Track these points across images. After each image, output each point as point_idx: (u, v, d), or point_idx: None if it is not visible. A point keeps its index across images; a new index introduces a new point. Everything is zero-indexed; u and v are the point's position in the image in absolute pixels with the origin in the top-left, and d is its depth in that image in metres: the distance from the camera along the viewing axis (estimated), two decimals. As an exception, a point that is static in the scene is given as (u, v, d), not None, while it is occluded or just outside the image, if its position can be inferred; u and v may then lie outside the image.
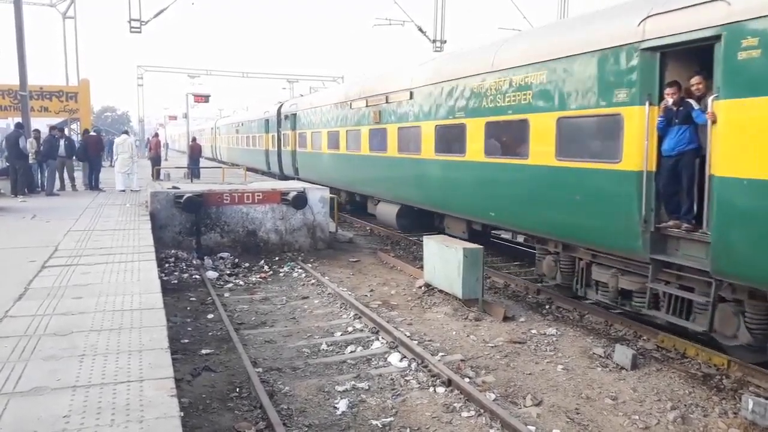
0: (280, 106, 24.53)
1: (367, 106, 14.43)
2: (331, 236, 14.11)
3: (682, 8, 6.34)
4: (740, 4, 5.71)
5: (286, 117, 22.82)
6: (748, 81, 5.63)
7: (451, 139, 10.96)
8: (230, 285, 10.67)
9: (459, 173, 10.69)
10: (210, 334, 7.95)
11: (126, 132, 20.79)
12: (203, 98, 38.47)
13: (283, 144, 23.50)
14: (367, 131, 14.51)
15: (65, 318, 5.24)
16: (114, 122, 79.24)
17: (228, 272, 11.43)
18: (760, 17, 5.49)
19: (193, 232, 12.43)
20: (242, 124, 33.28)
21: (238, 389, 6.15)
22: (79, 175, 18.62)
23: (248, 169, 28.46)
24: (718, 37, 5.90)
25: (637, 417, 5.53)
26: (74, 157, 18.25)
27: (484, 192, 10.04)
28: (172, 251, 12.03)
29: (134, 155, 18.57)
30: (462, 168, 10.57)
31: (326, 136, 17.76)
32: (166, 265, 11.38)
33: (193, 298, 9.66)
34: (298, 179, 20.20)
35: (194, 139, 30.83)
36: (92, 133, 20.14)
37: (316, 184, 17.74)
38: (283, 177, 23.44)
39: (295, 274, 11.45)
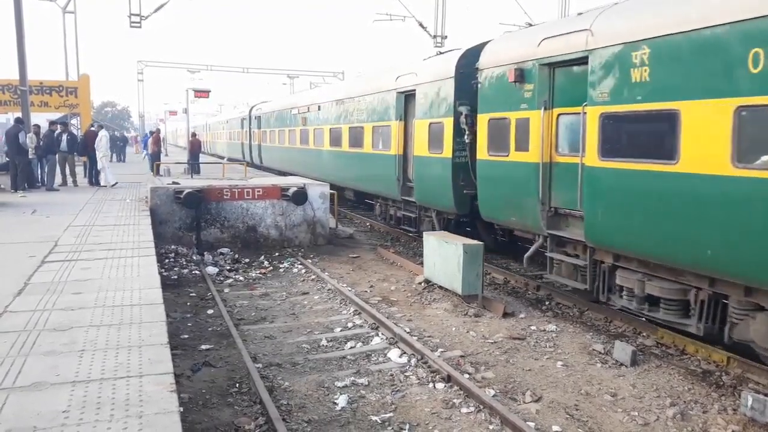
0: (466, 54, 11.10)
1: None
2: (331, 232, 14.11)
3: None
4: None
5: (518, 79, 8.87)
6: None
7: None
8: (230, 281, 10.67)
9: None
10: (210, 329, 7.96)
11: (101, 126, 20.84)
12: (204, 93, 38.50)
13: (489, 149, 9.91)
14: None
15: (65, 313, 5.24)
16: (114, 117, 79.20)
17: (228, 268, 11.44)
18: None
19: (193, 227, 12.43)
20: (320, 108, 19.53)
21: (237, 385, 6.16)
22: (79, 171, 18.62)
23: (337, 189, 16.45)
24: None
25: (636, 413, 5.54)
26: (75, 153, 18.26)
27: None
28: (172, 247, 12.07)
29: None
30: None
31: None
32: (166, 260, 11.40)
33: (193, 294, 9.67)
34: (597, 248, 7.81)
35: (194, 135, 30.99)
36: (91, 129, 20.13)
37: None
38: (473, 219, 11.45)
39: (295, 270, 11.45)
